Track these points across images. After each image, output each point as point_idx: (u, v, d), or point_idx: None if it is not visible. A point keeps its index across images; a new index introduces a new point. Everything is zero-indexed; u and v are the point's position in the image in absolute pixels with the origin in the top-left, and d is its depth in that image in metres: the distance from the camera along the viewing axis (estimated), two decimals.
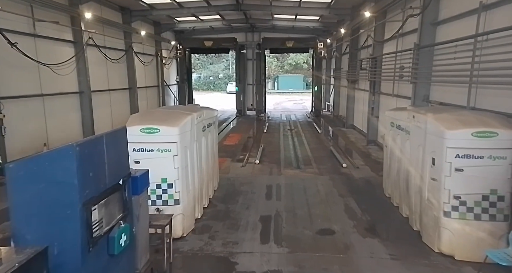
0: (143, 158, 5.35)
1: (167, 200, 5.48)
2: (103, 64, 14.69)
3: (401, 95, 10.87)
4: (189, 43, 23.19)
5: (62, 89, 11.95)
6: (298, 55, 47.61)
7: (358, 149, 13.06)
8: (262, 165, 10.81)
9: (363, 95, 15.74)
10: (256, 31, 25.75)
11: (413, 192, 6.12)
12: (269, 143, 14.25)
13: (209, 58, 51.62)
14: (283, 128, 18.39)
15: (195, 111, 6.39)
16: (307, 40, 23.43)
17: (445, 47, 7.92)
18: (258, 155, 11.84)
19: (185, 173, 5.72)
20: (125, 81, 16.99)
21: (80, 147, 2.87)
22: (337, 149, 12.89)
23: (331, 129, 18.18)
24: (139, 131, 5.34)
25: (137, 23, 17.79)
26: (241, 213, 6.92)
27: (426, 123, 5.53)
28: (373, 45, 13.17)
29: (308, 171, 10.14)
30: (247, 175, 9.65)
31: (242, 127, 18.99)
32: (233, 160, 11.41)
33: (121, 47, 16.34)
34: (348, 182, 8.97)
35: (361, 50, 16.03)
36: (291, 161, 11.31)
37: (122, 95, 16.77)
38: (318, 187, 8.62)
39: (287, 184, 8.84)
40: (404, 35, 10.64)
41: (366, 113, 14.96)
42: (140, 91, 18.48)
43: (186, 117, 5.80)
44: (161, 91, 21.80)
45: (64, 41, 12.07)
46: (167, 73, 23.55)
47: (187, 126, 5.77)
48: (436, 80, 8.41)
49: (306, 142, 14.51)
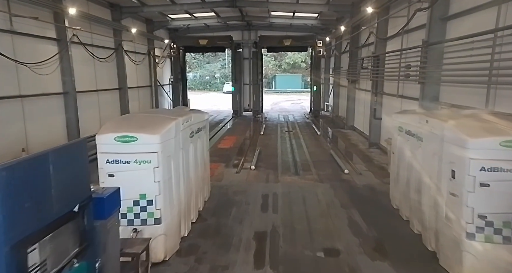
0: (119, 170, 4.63)
1: (147, 219, 4.76)
2: (90, 63, 13.92)
3: (406, 96, 10.18)
4: (183, 42, 22.42)
5: (45, 90, 11.17)
6: (296, 54, 46.90)
7: (360, 152, 12.37)
8: (258, 171, 10.10)
9: (364, 95, 15.05)
10: (252, 29, 25.02)
11: (426, 206, 5.42)
12: (265, 146, 13.54)
13: (205, 57, 50.83)
14: (281, 130, 17.69)
15: (181, 115, 5.67)
16: (306, 38, 22.71)
17: (458, 44, 7.22)
18: (254, 159, 11.13)
19: (168, 187, 5.00)
20: (114, 81, 16.21)
21: (9, 171, 2.15)
22: (337, 152, 12.20)
23: (331, 130, 17.49)
24: (113, 140, 4.61)
25: (128, 20, 17.02)
26: (234, 228, 6.20)
27: (443, 129, 4.83)
28: (376, 42, 12.48)
29: (307, 177, 9.44)
30: (242, 183, 8.93)
31: (238, 129, 18.26)
32: (227, 165, 10.68)
33: (110, 46, 15.57)
34: (351, 191, 8.27)
35: (362, 49, 15.34)
36: (289, 166, 10.60)
37: (112, 95, 15.99)
38: (318, 196, 7.92)
39: (285, 193, 8.13)
40: (410, 32, 9.94)
41: (367, 114, 14.27)
42: (131, 91, 17.70)
43: (169, 123, 5.08)
44: (154, 91, 21.03)
45: (47, 38, 11.28)
46: (160, 72, 22.78)
47: (170, 133, 5.05)
48: (446, 80, 7.72)
49: (305, 145, 13.81)
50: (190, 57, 49.79)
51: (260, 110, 23.71)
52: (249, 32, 25.18)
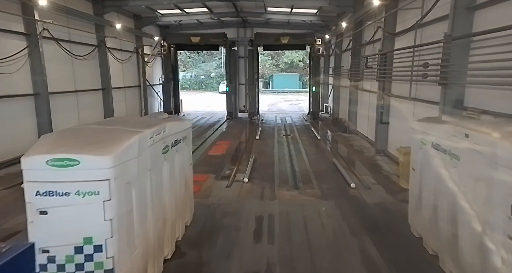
0: (54, 206, 3.36)
1: (93, 271, 3.49)
2: (68, 62, 12.63)
3: (420, 99, 8.96)
4: (174, 39, 21.11)
5: (10, 91, 9.89)
6: (294, 53, 45.69)
7: (365, 160, 11.13)
8: (252, 184, 8.84)
9: (368, 97, 13.83)
10: (248, 26, 23.74)
11: (467, 245, 4.19)
12: (261, 153, 12.29)
13: (201, 56, 49.51)
14: (278, 133, 16.44)
15: (150, 126, 4.40)
16: (304, 36, 21.45)
17: (488, 38, 6.00)
18: (248, 169, 9.87)
19: (126, 224, 3.73)
20: (97, 81, 14.92)
21: None
22: (340, 160, 10.97)
23: (331, 134, 16.26)
24: (46, 164, 3.34)
25: (112, 15, 15.71)
26: (218, 267, 4.95)
27: (497, 147, 3.60)
28: (383, 39, 11.24)
29: (308, 192, 8.19)
30: (233, 200, 7.67)
31: (232, 133, 16.98)
32: (217, 177, 9.42)
33: (92, 42, 14.27)
34: (360, 211, 7.03)
35: (366, 46, 14.11)
36: (287, 178, 9.36)
37: (94, 96, 14.70)
38: (322, 218, 6.67)
39: (283, 214, 6.88)
40: (425, 26, 8.72)
41: (372, 117, 13.05)
42: (116, 92, 16.42)
43: (129, 139, 3.80)
44: (143, 92, 19.73)
45: (12, 32, 10.00)
46: (150, 72, 21.48)
47: (130, 151, 3.78)
48: (474, 81, 6.49)
49: (304, 151, 12.57)
50: (185, 56, 48.54)
51: (256, 112, 22.45)
52: (244, 29, 23.91)
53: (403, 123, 10.05)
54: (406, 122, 9.67)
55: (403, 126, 9.92)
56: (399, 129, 10.51)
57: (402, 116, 10.14)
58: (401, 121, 10.30)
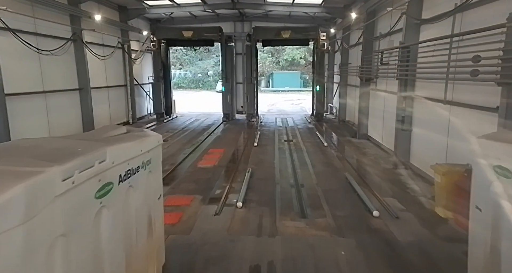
0: None
1: None
2: (34, 58, 10.78)
3: (461, 103, 7.12)
4: (163, 34, 19.21)
5: None
6: (295, 50, 43.77)
7: (384, 175, 9.31)
8: (247, 209, 7.03)
9: (383, 98, 12.01)
10: (246, 20, 21.92)
11: None
12: (259, 165, 10.47)
13: (198, 53, 47.60)
14: (279, 138, 14.62)
15: (68, 158, 2.58)
16: (307, 30, 19.53)
17: None
18: (243, 188, 8.05)
19: None
20: (73, 80, 13.09)
21: None
22: (354, 175, 9.15)
23: (339, 140, 14.43)
24: None
25: (91, 5, 13.89)
26: None
27: None
28: (405, 29, 9.40)
29: (319, 223, 6.38)
30: (221, 237, 5.85)
31: (227, 138, 15.15)
32: (204, 199, 7.60)
33: (65, 35, 12.43)
34: (391, 255, 5.21)
35: (380, 39, 12.27)
36: (291, 201, 7.54)
37: (69, 98, 12.87)
38: (341, 268, 4.87)
39: (287, 260, 5.07)
40: (466, 10, 6.88)
41: (388, 121, 11.25)
42: (98, 92, 14.62)
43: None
44: (130, 92, 17.88)
45: None
46: (139, 69, 19.66)
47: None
48: None
49: (310, 162, 10.75)
50: (182, 53, 46.69)
51: (255, 113, 20.63)
52: (242, 23, 22.09)
53: (432, 131, 8.23)
54: (437, 131, 7.85)
55: (433, 136, 8.10)
56: (427, 139, 8.68)
57: (432, 123, 8.32)
58: (429, 129, 8.47)
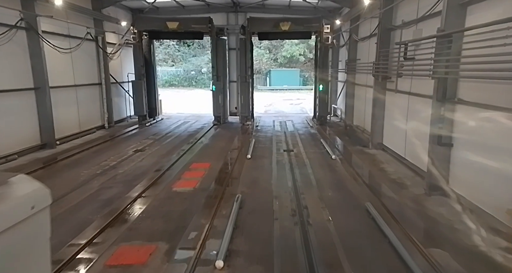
0: None
1: None
2: None
3: None
4: (145, 25, 16.76)
5: None
6: (294, 46, 41.32)
7: (419, 207, 7.00)
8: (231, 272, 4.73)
9: (406, 101, 9.74)
10: (240, 11, 19.54)
11: None
12: (253, 187, 8.18)
13: (191, 49, 45.04)
14: (277, 148, 12.33)
15: None
16: (309, 21, 17.17)
17: None
18: (228, 231, 5.74)
19: None
20: (26, 78, 10.72)
21: None
22: (379, 207, 6.85)
23: (349, 149, 12.13)
24: None
25: None
26: None
27: None
28: (445, 12, 7.09)
29: None
30: None
31: (216, 147, 12.80)
32: (169, 251, 5.27)
33: (10, 22, 10.05)
34: None
35: (403, 29, 9.96)
36: (296, 254, 5.25)
37: (21, 99, 10.51)
38: None
39: None
40: None
41: (414, 131, 8.98)
42: (61, 92, 12.26)
43: None
44: (105, 91, 15.49)
45: None
46: (117, 66, 17.27)
47: None
48: None
49: (316, 183, 8.46)
50: (174, 49, 44.15)
51: (250, 116, 18.32)
52: (236, 14, 19.70)
53: (491, 151, 5.96)
54: (497, 150, 5.58)
55: (491, 156, 5.83)
56: (480, 163, 6.33)
57: (490, 138, 6.03)
58: (486, 146, 6.17)
